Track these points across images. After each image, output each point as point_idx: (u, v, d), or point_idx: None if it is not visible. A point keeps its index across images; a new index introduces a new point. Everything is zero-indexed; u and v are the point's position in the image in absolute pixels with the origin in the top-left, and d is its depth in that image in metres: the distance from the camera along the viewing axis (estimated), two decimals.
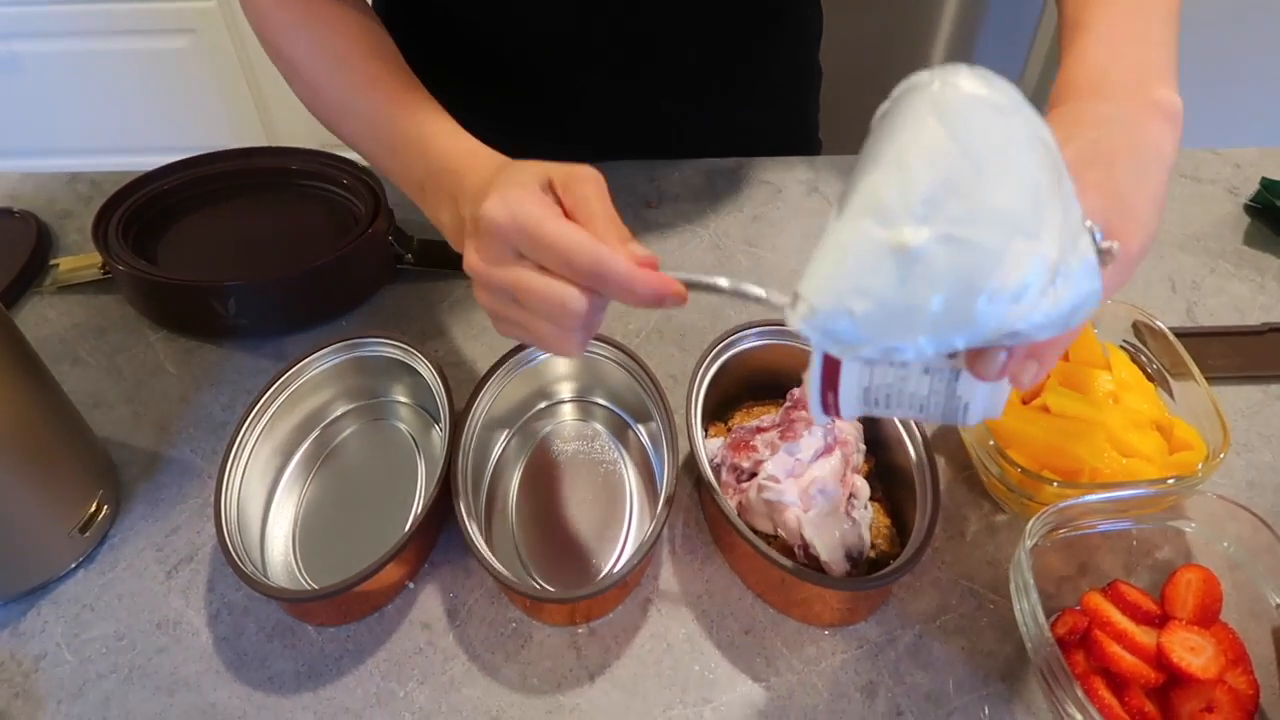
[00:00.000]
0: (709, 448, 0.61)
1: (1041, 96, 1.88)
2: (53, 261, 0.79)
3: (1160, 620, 0.54)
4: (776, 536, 0.58)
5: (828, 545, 0.55)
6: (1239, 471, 0.65)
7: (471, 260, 0.49)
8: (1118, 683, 0.52)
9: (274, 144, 1.99)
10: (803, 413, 0.60)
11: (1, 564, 0.57)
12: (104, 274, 0.75)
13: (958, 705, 0.54)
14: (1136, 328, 0.65)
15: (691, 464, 0.60)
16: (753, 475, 0.58)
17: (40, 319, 0.75)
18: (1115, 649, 0.52)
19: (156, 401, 0.70)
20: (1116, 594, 0.54)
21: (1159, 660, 0.51)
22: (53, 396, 0.59)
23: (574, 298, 0.46)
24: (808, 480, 0.57)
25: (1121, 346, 0.65)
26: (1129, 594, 0.54)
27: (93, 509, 0.60)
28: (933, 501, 0.55)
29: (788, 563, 0.53)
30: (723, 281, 0.47)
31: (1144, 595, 0.55)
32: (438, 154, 0.56)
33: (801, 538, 0.56)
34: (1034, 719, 0.54)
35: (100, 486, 0.61)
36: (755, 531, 0.56)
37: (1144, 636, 0.52)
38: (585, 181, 0.48)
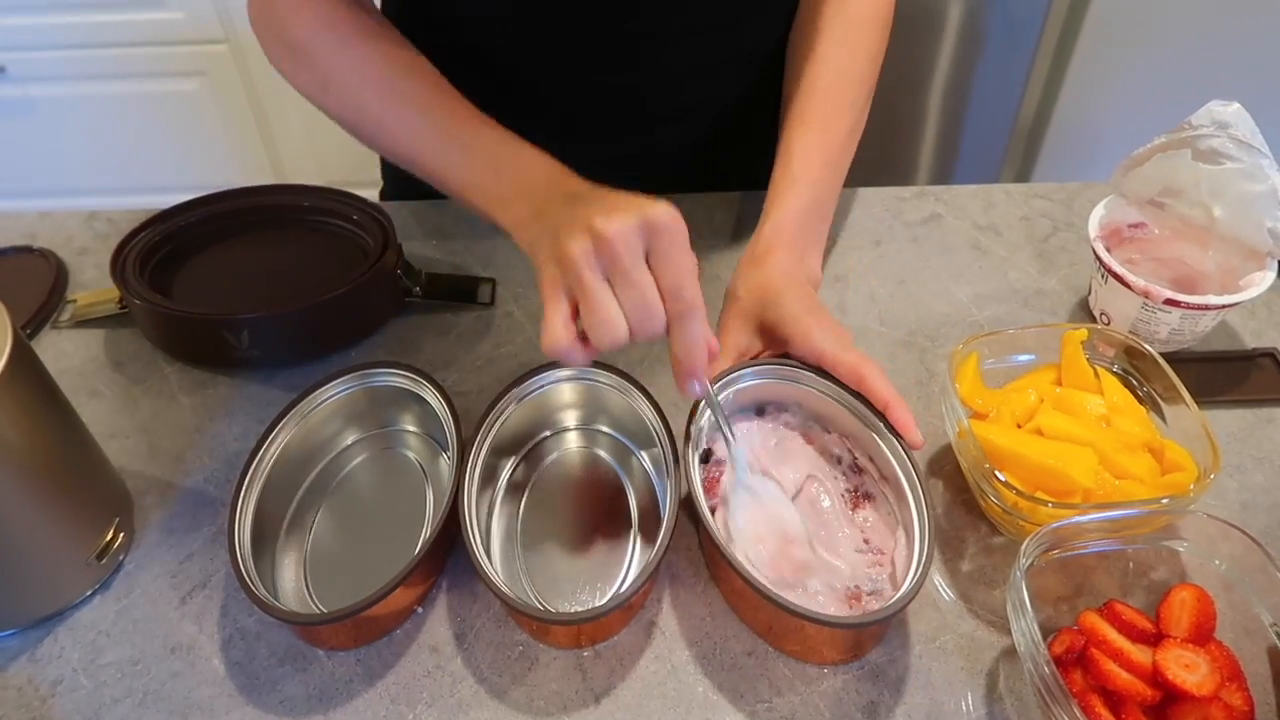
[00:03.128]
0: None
1: (1045, 114, 1.90)
2: (70, 297, 0.81)
3: (1156, 639, 0.54)
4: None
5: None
6: (1232, 493, 0.66)
7: (617, 229, 0.51)
8: (1115, 700, 0.52)
9: (282, 181, 2.03)
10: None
11: (20, 591, 0.59)
12: (121, 308, 0.77)
13: None
14: (1128, 352, 0.66)
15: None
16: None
17: (59, 352, 0.77)
18: (1112, 667, 0.52)
19: (171, 432, 0.71)
20: (1112, 613, 0.55)
21: (1155, 678, 0.52)
22: (72, 428, 0.61)
23: (663, 316, 0.52)
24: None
25: (1113, 371, 0.66)
26: (1125, 613, 0.55)
27: (109, 537, 0.62)
28: (928, 532, 0.56)
29: (776, 596, 0.53)
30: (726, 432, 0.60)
31: (1139, 614, 0.56)
32: (506, 158, 0.65)
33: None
34: None
35: (116, 515, 0.63)
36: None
37: (1140, 655, 0.53)
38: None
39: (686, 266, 0.52)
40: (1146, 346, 0.64)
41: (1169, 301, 0.68)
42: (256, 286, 0.77)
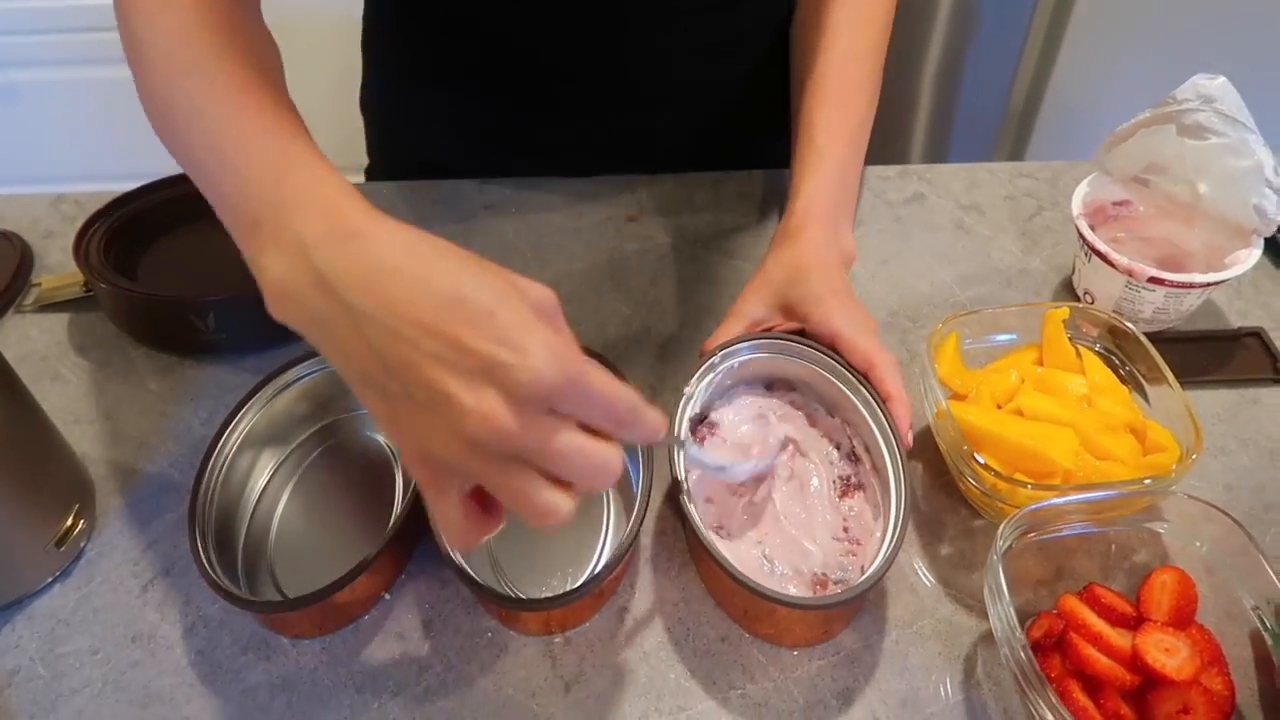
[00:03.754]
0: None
1: (1037, 95, 1.89)
2: (35, 280, 0.79)
3: (1136, 622, 0.53)
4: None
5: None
6: (1216, 475, 0.65)
7: (489, 416, 0.37)
8: (1094, 685, 0.51)
9: None
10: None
11: None
12: (86, 292, 0.75)
13: (934, 711, 0.54)
14: (1111, 331, 0.65)
15: (663, 469, 0.60)
16: None
17: (22, 337, 0.75)
18: (1090, 651, 0.51)
19: (136, 417, 0.70)
20: (1092, 597, 0.54)
21: (1134, 662, 0.51)
22: (27, 412, 0.59)
23: (616, 459, 0.41)
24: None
25: (1095, 351, 0.65)
26: (1105, 597, 0.54)
27: (69, 523, 0.60)
28: (900, 514, 0.55)
29: (752, 583, 0.52)
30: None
31: (1120, 598, 0.54)
32: (296, 184, 0.44)
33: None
34: None
35: (76, 501, 0.61)
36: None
37: (1119, 639, 0.52)
38: (557, 309, 0.42)
39: (613, 397, 0.40)
40: (1129, 325, 0.63)
41: (1153, 280, 0.67)
42: (223, 269, 0.74)
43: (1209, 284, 0.66)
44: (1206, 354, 0.71)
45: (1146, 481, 0.56)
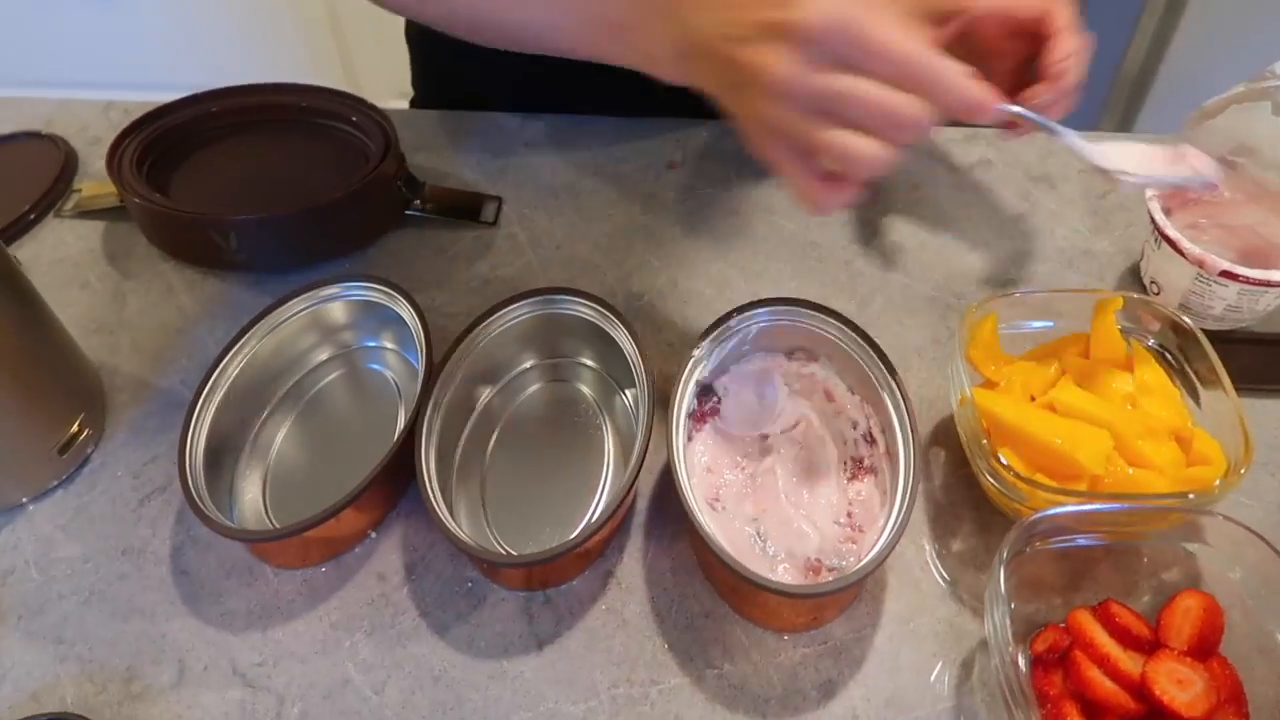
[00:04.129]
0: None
1: (1153, 61, 1.76)
2: (76, 186, 0.80)
3: (1151, 647, 0.49)
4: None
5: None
6: (1270, 492, 0.59)
7: (778, 67, 0.43)
8: (1094, 710, 0.48)
9: (352, 81, 2.01)
10: None
11: None
12: (122, 202, 0.75)
13: (919, 715, 0.51)
14: (1172, 328, 0.59)
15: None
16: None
17: (58, 241, 0.76)
18: (1094, 674, 0.47)
19: (156, 331, 0.70)
20: (1106, 614, 0.50)
21: (1141, 691, 0.47)
22: (38, 318, 0.60)
23: (913, 104, 0.43)
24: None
25: (1149, 347, 0.59)
26: (1120, 615, 0.50)
27: (74, 430, 0.61)
28: (903, 506, 0.51)
29: (737, 563, 0.49)
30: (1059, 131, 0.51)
31: (1137, 618, 0.50)
32: None
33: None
34: None
35: (83, 409, 0.62)
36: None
37: (1129, 663, 0.48)
38: None
39: (900, 47, 0.43)
40: (1188, 321, 0.57)
41: (1225, 274, 0.61)
42: (251, 188, 0.74)
43: None
44: (1272, 359, 0.65)
45: (1191, 497, 0.50)
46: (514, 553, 0.56)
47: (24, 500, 0.60)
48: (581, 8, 0.55)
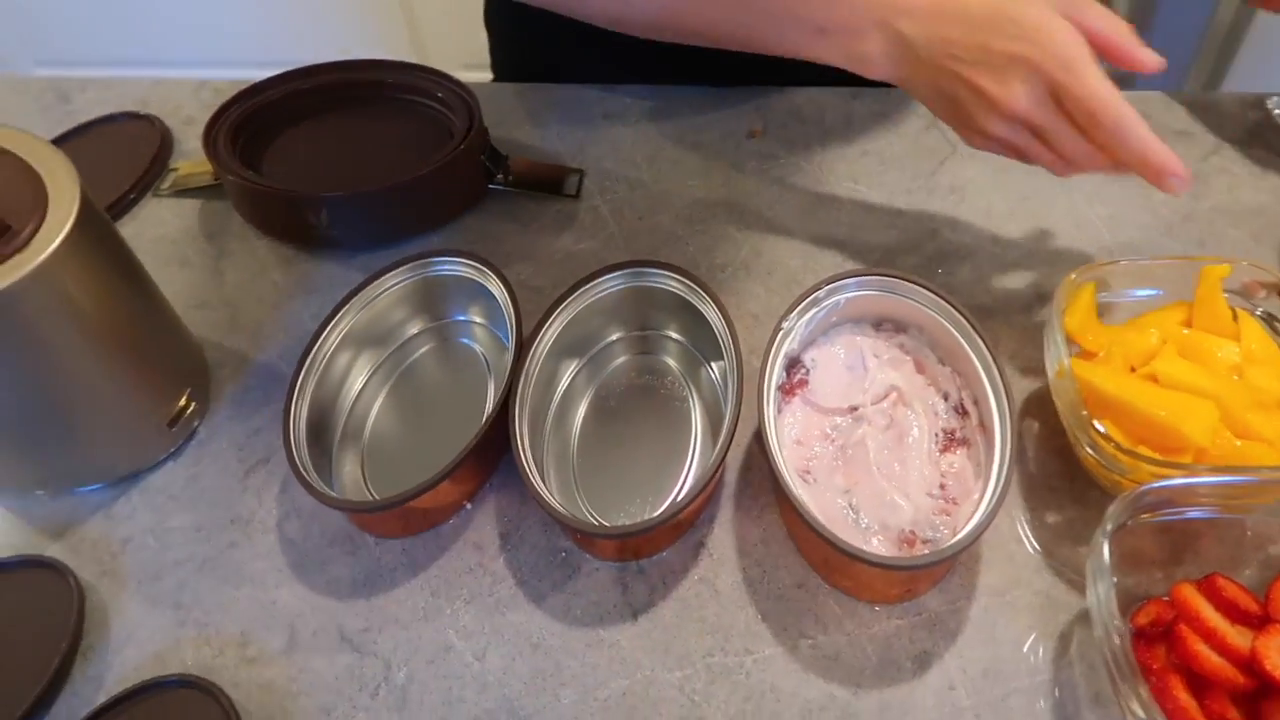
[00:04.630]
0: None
1: (1239, 27, 1.69)
2: (172, 165, 0.82)
3: (1260, 622, 0.48)
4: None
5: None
6: None
7: (1018, 99, 0.54)
8: (1200, 684, 0.47)
9: (421, 58, 2.03)
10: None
11: (99, 451, 0.61)
12: (216, 180, 0.78)
13: (1017, 686, 0.51)
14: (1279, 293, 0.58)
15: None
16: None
17: (158, 220, 0.79)
18: (1201, 648, 0.47)
19: (253, 306, 0.72)
20: (1212, 588, 0.49)
21: (1250, 665, 0.46)
22: (149, 298, 0.62)
23: (1093, 160, 0.55)
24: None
25: (1257, 315, 0.57)
26: (1227, 589, 0.49)
27: (182, 404, 0.63)
28: (1001, 476, 0.51)
29: (832, 535, 0.49)
30: None
31: (1244, 592, 0.49)
32: None
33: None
34: (1101, 710, 0.50)
35: (190, 384, 0.64)
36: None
37: (1237, 638, 0.47)
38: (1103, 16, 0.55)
39: (1098, 99, 0.52)
40: None
41: None
42: (341, 165, 0.75)
43: None
44: None
45: None
46: (605, 523, 0.57)
47: (138, 471, 0.63)
48: (780, 11, 0.60)
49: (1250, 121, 0.78)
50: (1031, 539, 0.56)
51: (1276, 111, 0.62)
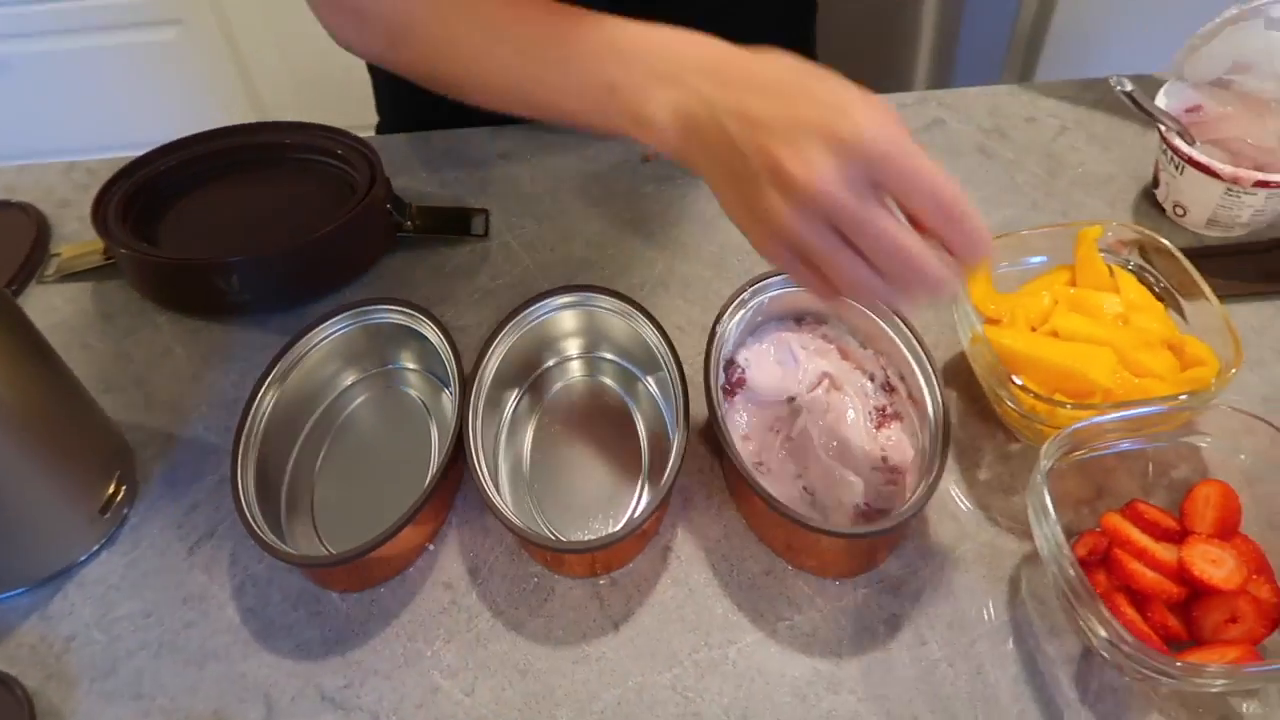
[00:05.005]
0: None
1: (1045, 15, 1.85)
2: (54, 251, 0.79)
3: (1180, 536, 0.53)
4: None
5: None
6: (1254, 387, 0.64)
7: (817, 176, 0.41)
8: (1140, 599, 0.52)
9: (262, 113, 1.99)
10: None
11: (26, 549, 0.58)
12: (106, 259, 0.75)
13: (981, 632, 0.54)
14: (1142, 248, 0.64)
15: (702, 411, 0.60)
16: None
17: (47, 307, 0.75)
18: (1136, 566, 0.52)
19: (167, 382, 0.70)
20: (1135, 513, 0.54)
21: (1181, 575, 0.51)
22: (65, 382, 0.60)
23: (928, 258, 0.42)
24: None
25: (1130, 269, 0.64)
26: (1148, 512, 0.54)
27: (111, 490, 0.61)
28: (940, 441, 0.55)
29: (800, 516, 0.52)
30: None
31: (1163, 513, 0.55)
32: (630, 40, 0.50)
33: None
34: (1059, 641, 0.54)
35: (118, 468, 0.62)
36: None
37: (1164, 553, 0.52)
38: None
39: (934, 180, 0.41)
40: (1164, 241, 0.62)
41: (1259, 184, 0.67)
42: (244, 229, 0.74)
43: None
44: (1242, 266, 0.70)
45: (1186, 396, 0.55)
46: (571, 541, 0.58)
47: (72, 565, 0.60)
48: (575, 69, 0.52)
49: (1088, 101, 0.86)
50: (966, 498, 0.60)
51: (1118, 89, 0.70)
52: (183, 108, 1.98)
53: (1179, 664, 0.46)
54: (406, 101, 0.95)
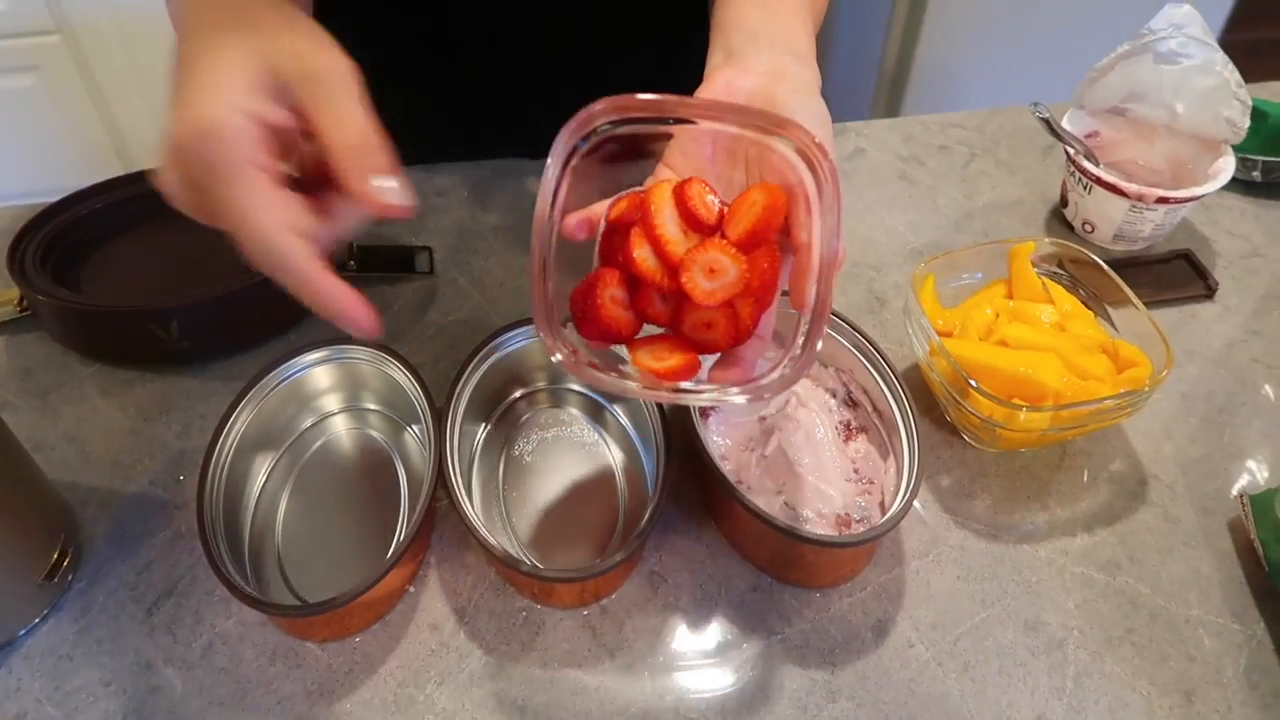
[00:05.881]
0: None
1: (905, 66, 1.98)
2: None
3: (711, 232, 0.47)
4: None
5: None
6: (1172, 385, 0.70)
7: (163, 182, 0.42)
8: (634, 285, 0.47)
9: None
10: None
11: None
12: (21, 310, 0.70)
13: (963, 630, 0.57)
14: (1072, 261, 0.69)
15: (676, 425, 0.60)
16: None
17: None
18: (642, 252, 0.46)
19: (103, 438, 0.66)
20: (684, 194, 0.46)
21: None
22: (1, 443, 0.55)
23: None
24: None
25: (1061, 281, 0.69)
26: (695, 197, 0.46)
27: (56, 555, 0.56)
28: (913, 450, 0.58)
29: (790, 527, 0.54)
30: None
31: (709, 207, 0.47)
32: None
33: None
34: (1034, 635, 0.57)
35: (61, 530, 0.57)
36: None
37: (677, 245, 0.46)
38: (329, 78, 0.42)
39: (242, 220, 0.41)
40: (1091, 255, 0.67)
41: (1160, 200, 0.73)
42: (175, 274, 0.71)
43: (1203, 195, 0.74)
44: (1145, 276, 0.77)
45: (1125, 395, 0.59)
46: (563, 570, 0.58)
47: (13, 638, 0.55)
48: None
49: (991, 131, 0.93)
50: (933, 503, 0.63)
51: (1037, 115, 0.75)
52: (43, 157, 1.87)
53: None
54: None
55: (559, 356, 0.45)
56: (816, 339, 0.44)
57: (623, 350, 0.49)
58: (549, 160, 0.46)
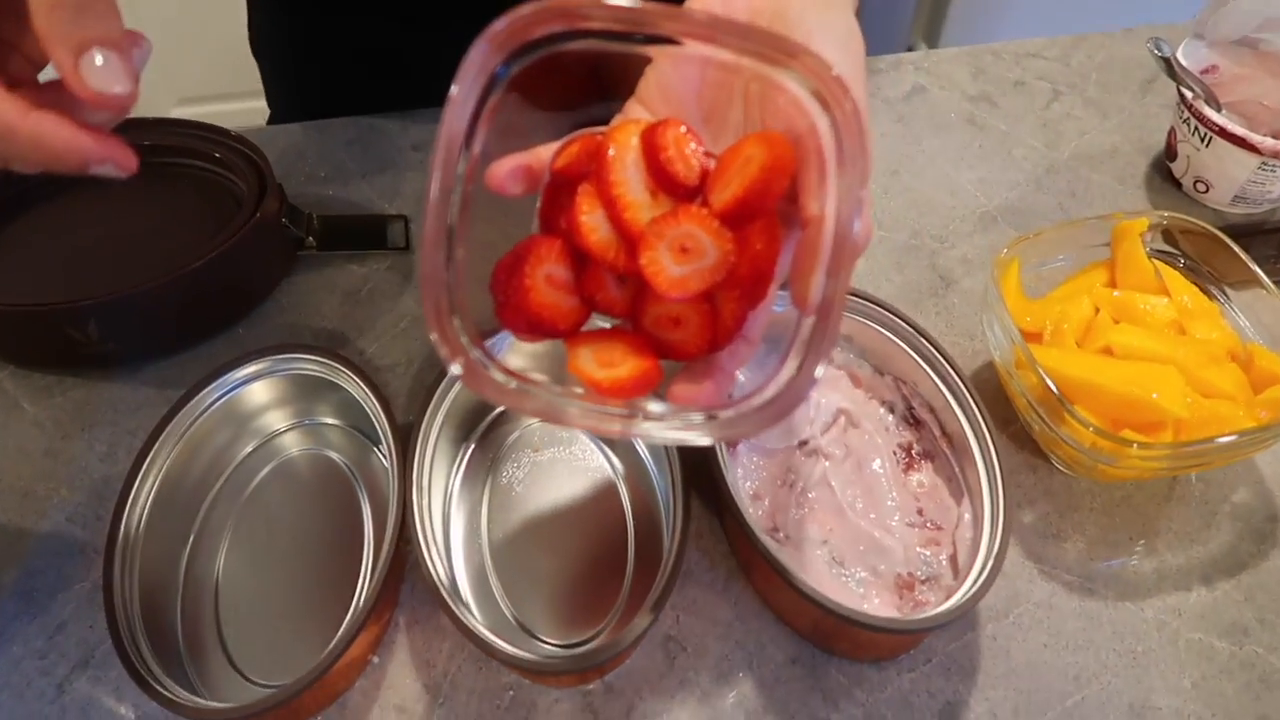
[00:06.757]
0: None
1: (939, 17, 1.78)
2: None
3: (689, 195, 0.35)
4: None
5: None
6: None
7: None
8: (578, 259, 0.36)
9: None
10: None
11: None
12: None
13: (1053, 716, 0.46)
14: (1168, 234, 0.56)
15: (695, 461, 0.49)
16: None
17: None
18: (592, 218, 0.34)
19: (12, 461, 0.55)
20: (655, 141, 0.34)
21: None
22: None
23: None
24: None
25: (1177, 265, 0.55)
26: (672, 147, 0.34)
27: None
28: (994, 489, 0.46)
29: (828, 601, 0.42)
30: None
31: (688, 162, 0.34)
32: None
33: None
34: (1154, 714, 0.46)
35: None
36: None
37: (640, 212, 0.34)
38: None
39: None
40: (1211, 227, 0.53)
41: None
42: (101, 262, 0.59)
43: None
44: (1269, 247, 0.63)
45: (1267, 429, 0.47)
46: (547, 639, 0.47)
47: None
48: None
49: (1078, 61, 0.78)
50: (1013, 547, 0.51)
51: (1155, 53, 0.61)
52: None
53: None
54: (303, 92, 0.80)
55: (456, 369, 0.32)
56: (820, 356, 0.31)
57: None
58: (454, 86, 0.33)
